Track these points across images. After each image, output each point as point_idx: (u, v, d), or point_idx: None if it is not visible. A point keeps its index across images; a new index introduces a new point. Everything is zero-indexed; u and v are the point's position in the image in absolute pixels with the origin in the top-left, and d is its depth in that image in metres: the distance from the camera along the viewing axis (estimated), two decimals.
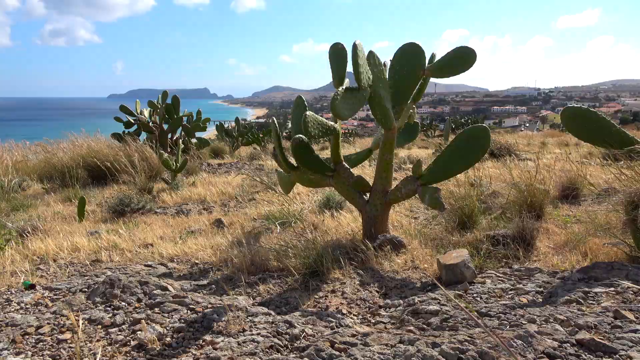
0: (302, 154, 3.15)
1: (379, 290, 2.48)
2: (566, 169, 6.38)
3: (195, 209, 5.36)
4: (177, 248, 3.54)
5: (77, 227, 4.45)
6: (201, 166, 9.47)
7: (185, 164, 6.47)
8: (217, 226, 4.35)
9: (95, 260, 3.31)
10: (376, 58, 2.82)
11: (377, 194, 3.22)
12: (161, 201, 5.87)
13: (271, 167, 8.80)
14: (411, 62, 3.11)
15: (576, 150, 15.50)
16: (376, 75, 2.82)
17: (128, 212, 4.96)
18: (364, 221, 3.31)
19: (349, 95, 2.71)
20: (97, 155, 7.55)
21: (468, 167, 2.99)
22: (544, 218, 3.85)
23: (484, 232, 3.25)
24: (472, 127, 2.88)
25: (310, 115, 2.86)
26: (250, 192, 6.06)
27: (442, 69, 3.07)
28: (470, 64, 2.99)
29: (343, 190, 3.35)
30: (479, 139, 2.84)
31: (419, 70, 3.10)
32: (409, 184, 3.07)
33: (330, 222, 4.07)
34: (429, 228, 3.89)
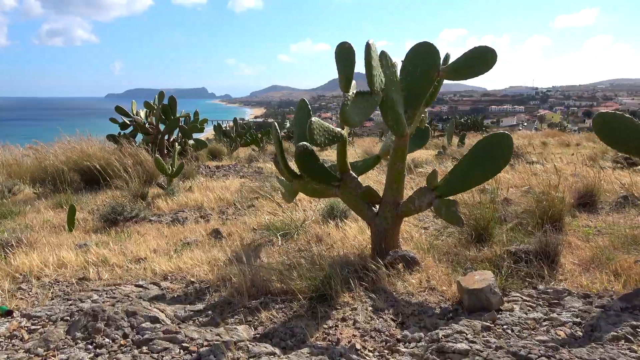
0: (306, 163, 2.90)
1: (395, 319, 2.23)
2: (578, 173, 6.15)
3: (192, 216, 5.11)
4: (172, 263, 3.29)
5: (65, 238, 4.18)
6: (198, 169, 9.21)
7: (182, 168, 6.21)
8: (214, 237, 4.09)
9: (82, 279, 3.05)
10: (388, 59, 2.58)
11: (387, 206, 2.98)
12: (156, 208, 5.61)
13: (270, 171, 8.55)
14: (425, 62, 2.86)
15: (578, 151, 15.30)
16: (388, 77, 2.57)
17: (121, 221, 4.70)
18: (373, 235, 3.06)
19: (360, 100, 2.46)
20: (90, 159, 7.28)
21: (488, 178, 2.74)
22: (564, 229, 3.60)
23: (504, 248, 3.01)
24: (493, 134, 2.64)
25: (316, 121, 2.61)
26: (249, 198, 5.81)
27: (459, 71, 2.83)
28: (490, 65, 2.74)
29: (350, 201, 3.11)
30: (500, 146, 2.60)
31: (434, 72, 2.85)
32: (423, 196, 2.82)
33: (335, 233, 3.82)
34: (441, 240, 3.64)
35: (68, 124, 57.85)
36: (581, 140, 21.74)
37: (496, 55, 2.71)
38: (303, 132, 3.20)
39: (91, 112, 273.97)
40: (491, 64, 2.73)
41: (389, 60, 2.58)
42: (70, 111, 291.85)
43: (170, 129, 11.35)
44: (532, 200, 3.96)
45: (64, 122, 61.13)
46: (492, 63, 2.73)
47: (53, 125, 48.64)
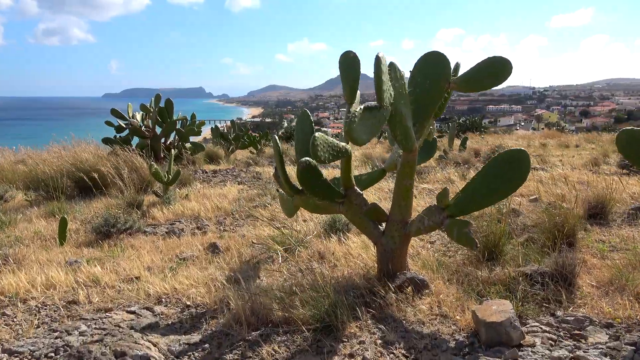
0: (309, 179, 2.74)
1: (407, 355, 2.06)
2: (584, 181, 6.00)
3: (188, 227, 4.93)
4: (167, 283, 3.11)
5: (56, 253, 4.01)
6: (195, 174, 9.03)
7: (178, 176, 6.04)
8: (211, 251, 3.92)
9: (71, 302, 2.87)
10: (397, 71, 2.41)
11: (394, 225, 2.81)
12: (151, 218, 5.43)
13: (269, 176, 8.39)
14: (435, 73, 2.70)
15: (578, 153, 15.19)
16: (397, 90, 2.41)
17: (114, 234, 4.52)
18: (379, 255, 2.90)
19: (368, 116, 2.30)
20: (83, 165, 7.10)
21: (503, 198, 2.58)
22: (577, 246, 3.45)
23: (518, 269, 2.85)
24: (509, 151, 2.48)
25: (319, 137, 2.45)
26: (248, 206, 5.63)
27: (471, 83, 2.67)
28: (504, 77, 2.58)
29: (355, 219, 2.94)
30: (517, 164, 2.44)
31: (444, 83, 2.69)
32: (433, 215, 2.66)
33: (337, 248, 3.66)
34: (449, 256, 3.48)
35: (65, 123, 58.43)
36: (580, 142, 21.65)
37: (511, 67, 2.55)
38: (305, 146, 3.04)
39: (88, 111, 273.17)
40: (505, 75, 2.57)
41: (397, 72, 2.42)
42: (67, 111, 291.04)
43: (167, 132, 11.18)
44: (542, 213, 3.80)
45: (60, 122, 61.70)
46: (506, 74, 2.57)
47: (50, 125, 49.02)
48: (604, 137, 24.22)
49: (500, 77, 2.58)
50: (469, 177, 6.63)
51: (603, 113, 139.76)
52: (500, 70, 2.56)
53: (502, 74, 2.57)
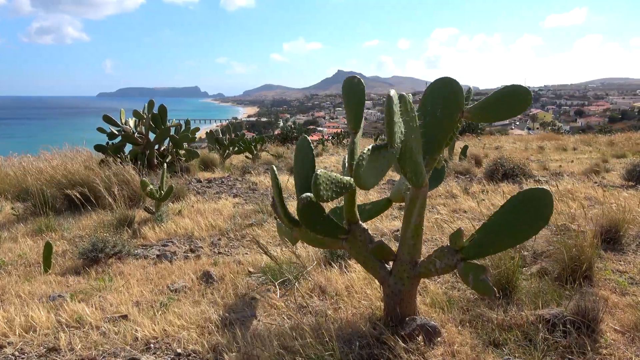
0: (309, 217, 2.52)
1: None
2: (592, 196, 5.81)
3: (181, 250, 4.70)
4: (156, 324, 2.88)
5: (39, 283, 3.76)
6: (189, 184, 8.79)
7: (171, 192, 5.79)
8: (205, 281, 3.70)
9: (52, 349, 2.64)
10: (408, 103, 2.20)
11: (403, 265, 2.60)
12: (142, 237, 5.19)
13: (265, 187, 8.16)
14: (446, 101, 2.48)
15: (577, 157, 15.03)
16: (408, 124, 2.20)
17: (102, 259, 4.28)
18: (386, 296, 2.68)
19: (377, 157, 2.08)
20: (73, 177, 6.85)
21: (523, 241, 2.38)
22: (595, 279, 3.25)
23: (535, 314, 2.64)
24: (531, 190, 2.26)
25: (322, 175, 2.23)
26: (243, 225, 5.41)
27: (487, 113, 2.45)
28: (524, 108, 2.38)
29: (359, 257, 2.72)
30: (539, 204, 2.23)
31: (456, 113, 2.48)
32: (445, 258, 2.44)
33: (339, 279, 3.44)
34: (458, 289, 3.27)
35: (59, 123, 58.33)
36: (577, 144, 21.56)
37: (531, 97, 2.34)
38: (306, 180, 2.82)
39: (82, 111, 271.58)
40: (524, 106, 2.36)
41: (408, 105, 2.20)
42: (61, 110, 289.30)
43: (161, 139, 10.94)
44: (556, 242, 3.60)
45: (55, 121, 61.47)
46: (525, 106, 2.36)
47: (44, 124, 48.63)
48: (600, 138, 24.16)
49: (519, 108, 2.37)
50: (472, 192, 6.44)
51: (597, 113, 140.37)
52: (520, 100, 2.35)
53: (522, 105, 2.36)
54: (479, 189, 6.56)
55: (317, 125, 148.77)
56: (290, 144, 26.47)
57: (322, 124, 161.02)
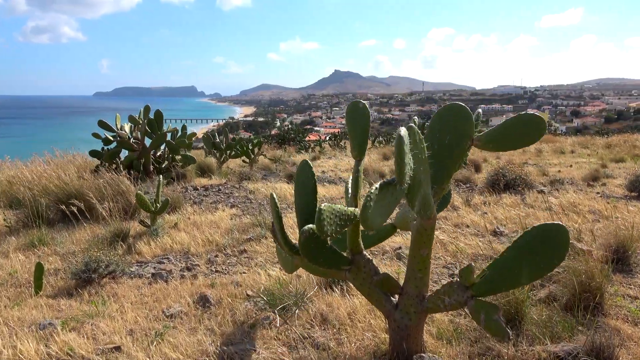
0: (311, 250, 2.40)
1: None
2: (596, 209, 5.71)
3: (177, 268, 4.57)
4: (151, 357, 2.76)
5: (30, 308, 3.62)
6: (185, 192, 8.66)
7: (167, 205, 5.66)
8: (202, 306, 3.57)
9: None
10: (416, 134, 2.08)
11: (410, 299, 2.48)
12: (137, 253, 5.06)
13: (262, 196, 8.03)
14: (456, 129, 2.37)
15: (575, 161, 14.96)
16: (417, 156, 2.08)
17: (95, 279, 4.15)
18: (391, 331, 2.57)
19: (384, 195, 1.97)
20: (66, 188, 6.70)
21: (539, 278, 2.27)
22: (605, 306, 3.14)
23: (547, 350, 2.52)
24: (546, 226, 2.15)
25: (326, 209, 2.11)
26: (241, 240, 5.28)
27: (498, 142, 2.34)
28: (538, 137, 2.26)
29: (364, 289, 2.61)
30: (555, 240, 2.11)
31: (466, 141, 2.36)
32: (455, 294, 2.33)
33: (341, 304, 3.32)
34: (464, 316, 3.16)
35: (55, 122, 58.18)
36: (575, 146, 21.52)
37: (545, 126, 2.23)
38: (307, 205, 2.71)
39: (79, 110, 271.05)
40: (539, 136, 2.25)
41: (417, 136, 2.08)
42: (57, 109, 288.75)
43: (157, 145, 10.80)
44: (564, 268, 3.49)
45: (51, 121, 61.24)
46: (540, 135, 2.25)
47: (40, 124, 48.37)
48: (597, 140, 24.14)
49: (533, 137, 2.26)
50: (473, 204, 6.33)
51: (593, 113, 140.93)
52: (534, 130, 2.24)
53: (536, 134, 2.25)
54: (480, 200, 6.45)
55: (314, 125, 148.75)
56: (287, 146, 26.35)
57: (319, 123, 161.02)
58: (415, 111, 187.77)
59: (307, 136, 32.25)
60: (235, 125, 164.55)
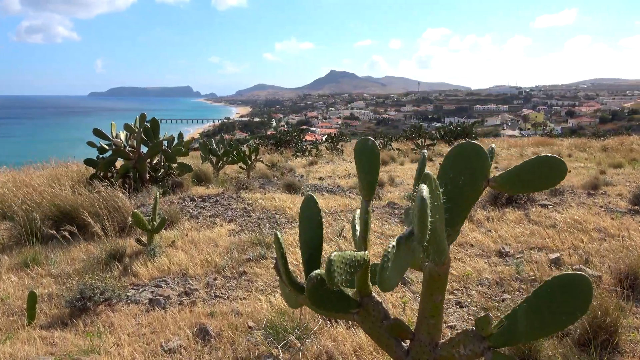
0: (318, 296, 2.28)
1: None
2: (602, 227, 5.62)
3: (175, 292, 4.44)
4: None
5: (22, 342, 3.49)
6: (182, 203, 8.52)
7: (163, 224, 5.51)
8: (202, 338, 3.45)
9: None
10: (433, 181, 1.96)
11: (422, 347, 2.36)
12: (134, 275, 4.92)
13: (262, 207, 7.90)
14: (470, 169, 2.25)
15: (574, 168, 14.91)
16: (433, 204, 1.96)
17: (91, 307, 4.01)
18: None
19: (402, 251, 1.85)
20: (60, 204, 6.56)
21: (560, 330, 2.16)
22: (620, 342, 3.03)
23: None
24: (567, 277, 2.04)
25: (336, 260, 1.98)
26: (240, 260, 5.15)
27: (516, 184, 2.22)
28: (558, 180, 2.15)
29: (373, 333, 2.48)
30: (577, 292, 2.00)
31: (481, 182, 2.24)
32: (471, 343, 2.21)
33: (346, 339, 3.21)
34: None
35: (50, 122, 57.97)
36: (572, 150, 21.51)
37: (566, 169, 2.12)
38: (312, 241, 2.59)
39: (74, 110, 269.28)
40: (559, 179, 2.14)
41: (433, 183, 1.97)
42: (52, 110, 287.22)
43: (153, 153, 10.67)
44: None
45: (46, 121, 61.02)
46: (560, 178, 2.14)
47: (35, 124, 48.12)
48: (593, 143, 24.16)
49: (553, 180, 2.15)
50: (477, 219, 6.22)
51: (588, 113, 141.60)
52: (554, 172, 2.13)
53: (556, 178, 2.14)
54: (483, 215, 6.35)
55: (310, 126, 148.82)
56: (284, 148, 26.22)
57: (315, 124, 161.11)
58: (411, 111, 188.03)
59: (304, 137, 32.11)
60: (231, 126, 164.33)
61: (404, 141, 27.88)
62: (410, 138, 28.00)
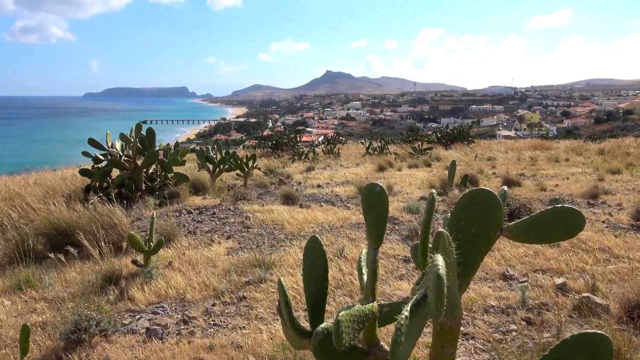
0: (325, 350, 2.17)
1: None
2: (606, 247, 5.55)
3: (172, 320, 4.32)
4: None
5: None
6: (179, 216, 8.40)
7: (160, 245, 5.39)
8: None
9: None
10: (446, 238, 1.87)
11: None
12: (130, 299, 4.81)
13: (260, 221, 7.79)
14: (483, 218, 2.16)
15: (572, 174, 14.86)
16: (447, 263, 1.87)
17: (86, 339, 3.89)
18: None
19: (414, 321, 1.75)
20: (55, 221, 6.43)
21: None
22: None
23: None
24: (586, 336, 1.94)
25: (344, 319, 1.88)
26: (239, 283, 5.04)
27: (531, 234, 2.13)
28: (575, 233, 2.06)
29: None
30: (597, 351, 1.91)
31: (494, 232, 2.15)
32: None
33: None
34: None
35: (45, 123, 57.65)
36: (569, 153, 21.50)
37: (583, 222, 2.03)
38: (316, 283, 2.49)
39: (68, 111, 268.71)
40: (577, 231, 2.05)
41: (446, 240, 1.87)
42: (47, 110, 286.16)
43: (149, 163, 10.56)
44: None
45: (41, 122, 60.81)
46: (578, 230, 2.04)
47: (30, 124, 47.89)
48: (590, 146, 24.17)
49: (571, 232, 2.06)
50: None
51: (583, 114, 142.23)
52: (571, 225, 2.04)
53: (574, 229, 2.05)
54: None
55: (307, 126, 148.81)
56: (280, 151, 26.09)
57: (311, 124, 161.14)
58: (407, 112, 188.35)
59: (301, 138, 31.92)
60: (227, 126, 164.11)
61: (401, 144, 27.79)
62: (407, 141, 27.91)
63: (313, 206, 9.06)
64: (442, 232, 1.85)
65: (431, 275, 1.58)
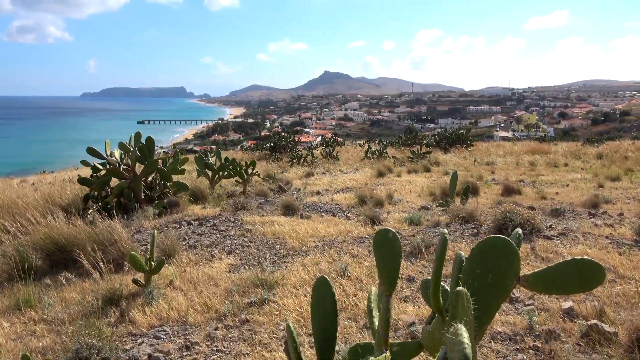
0: None
1: None
2: (612, 267, 5.50)
3: (175, 347, 4.25)
4: None
5: None
6: (179, 228, 8.33)
7: (162, 266, 5.32)
8: None
9: None
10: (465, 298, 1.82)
11: None
12: (131, 322, 4.74)
13: (261, 233, 7.73)
14: (499, 267, 2.10)
15: (569, 178, 14.83)
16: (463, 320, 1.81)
17: None
18: None
19: None
20: (54, 237, 6.36)
21: None
22: None
23: None
24: None
25: None
26: (242, 304, 4.97)
27: (549, 285, 2.08)
28: (595, 285, 2.01)
29: None
30: None
31: (511, 281, 2.10)
32: None
33: None
34: None
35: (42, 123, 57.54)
36: (567, 158, 21.49)
37: (603, 275, 1.97)
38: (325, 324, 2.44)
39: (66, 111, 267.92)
40: (597, 284, 1.99)
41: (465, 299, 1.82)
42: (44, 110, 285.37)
43: (148, 172, 10.49)
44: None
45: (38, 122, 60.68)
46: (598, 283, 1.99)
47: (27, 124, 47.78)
48: (588, 150, 24.19)
49: (590, 284, 2.01)
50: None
51: (580, 115, 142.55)
52: (591, 278, 1.99)
53: (593, 282, 2.00)
54: None
55: (304, 127, 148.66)
56: (279, 154, 26.03)
57: (309, 125, 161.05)
58: (405, 112, 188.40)
59: (299, 139, 31.82)
60: (225, 127, 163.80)
61: (399, 147, 27.72)
62: (405, 144, 27.83)
63: (313, 216, 9.00)
64: (461, 292, 1.79)
65: (456, 353, 1.52)
